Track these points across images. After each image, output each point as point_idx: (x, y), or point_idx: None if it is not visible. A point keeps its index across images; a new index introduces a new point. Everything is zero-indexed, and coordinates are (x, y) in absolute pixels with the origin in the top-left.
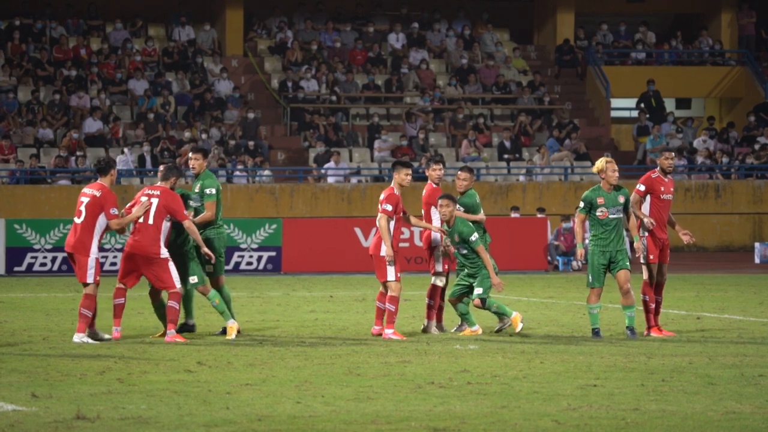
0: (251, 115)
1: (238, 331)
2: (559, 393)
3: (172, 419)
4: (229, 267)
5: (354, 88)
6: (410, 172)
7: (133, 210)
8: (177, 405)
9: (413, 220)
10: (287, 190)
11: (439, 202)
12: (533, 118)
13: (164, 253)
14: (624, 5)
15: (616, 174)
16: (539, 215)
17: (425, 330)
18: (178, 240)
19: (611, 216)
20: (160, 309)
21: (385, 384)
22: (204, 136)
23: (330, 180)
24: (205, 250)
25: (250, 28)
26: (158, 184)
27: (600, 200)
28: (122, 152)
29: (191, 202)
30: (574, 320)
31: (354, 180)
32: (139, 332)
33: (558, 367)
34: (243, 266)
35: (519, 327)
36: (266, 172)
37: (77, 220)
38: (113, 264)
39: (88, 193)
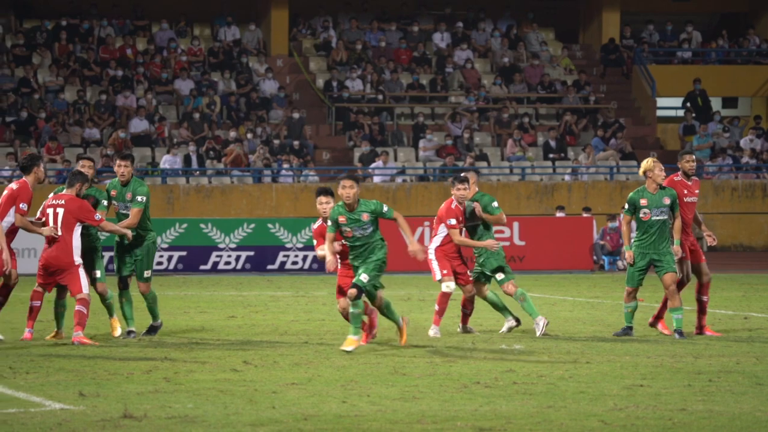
0: (296, 115)
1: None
2: (605, 393)
3: (219, 418)
4: (275, 266)
5: (399, 87)
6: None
7: (44, 230)
8: (223, 404)
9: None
10: (332, 189)
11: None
12: (578, 117)
13: (77, 260)
14: (670, 4)
15: (663, 174)
16: (585, 215)
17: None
18: (89, 237)
19: (654, 218)
20: (60, 308)
21: (431, 383)
22: (249, 135)
23: (375, 180)
24: (126, 232)
25: (295, 28)
26: (64, 191)
27: (643, 201)
28: (168, 152)
29: (121, 210)
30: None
31: (399, 180)
32: (184, 331)
33: (604, 367)
34: (288, 266)
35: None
36: (311, 172)
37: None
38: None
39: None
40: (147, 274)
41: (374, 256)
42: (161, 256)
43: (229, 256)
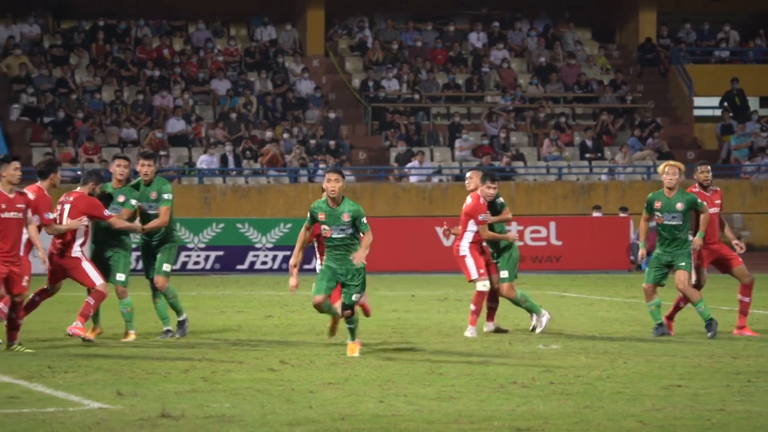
0: (332, 115)
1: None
2: (643, 393)
3: (256, 418)
4: (311, 266)
5: (435, 87)
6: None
7: (71, 223)
8: (260, 404)
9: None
10: (368, 189)
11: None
12: (615, 116)
13: (76, 254)
14: (707, 3)
15: (669, 178)
16: (622, 214)
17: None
18: (113, 237)
19: (666, 222)
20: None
21: (468, 383)
22: (286, 135)
23: (411, 179)
24: (136, 226)
25: (331, 28)
26: (77, 189)
27: (657, 204)
28: (205, 152)
29: (146, 210)
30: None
31: (435, 179)
32: (221, 331)
33: (642, 367)
34: None
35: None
36: (347, 172)
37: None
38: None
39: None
40: (166, 267)
41: (356, 268)
42: (198, 256)
43: (266, 255)
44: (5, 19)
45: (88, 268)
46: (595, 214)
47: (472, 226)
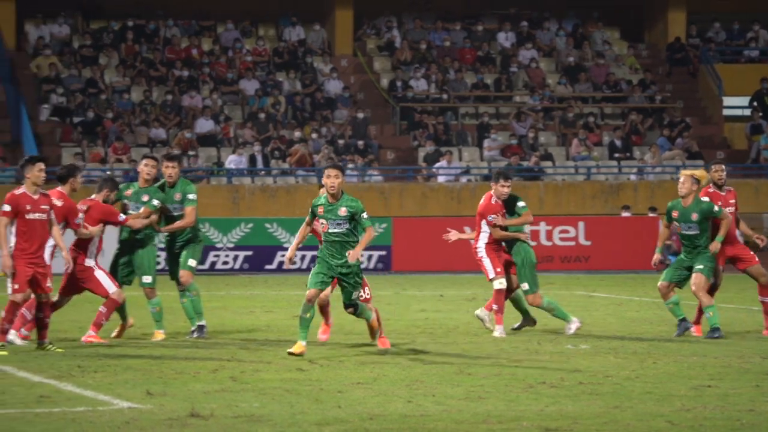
0: (361, 115)
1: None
2: (672, 393)
3: (285, 417)
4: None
5: (463, 87)
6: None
7: (92, 230)
8: (289, 403)
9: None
10: (397, 189)
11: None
12: (644, 116)
13: (88, 262)
14: (736, 3)
15: (679, 187)
16: (651, 214)
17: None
18: (136, 239)
19: (683, 232)
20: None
21: (496, 383)
22: (314, 135)
23: (440, 179)
24: (152, 220)
25: (360, 28)
26: (92, 197)
27: (675, 213)
28: (233, 152)
29: (173, 212)
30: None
31: (463, 179)
32: (250, 330)
33: (671, 367)
34: None
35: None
36: (375, 172)
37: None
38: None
39: (81, 208)
40: (192, 263)
41: (351, 266)
42: (227, 256)
43: (295, 255)
44: (35, 19)
45: (101, 276)
46: (624, 214)
47: (486, 227)
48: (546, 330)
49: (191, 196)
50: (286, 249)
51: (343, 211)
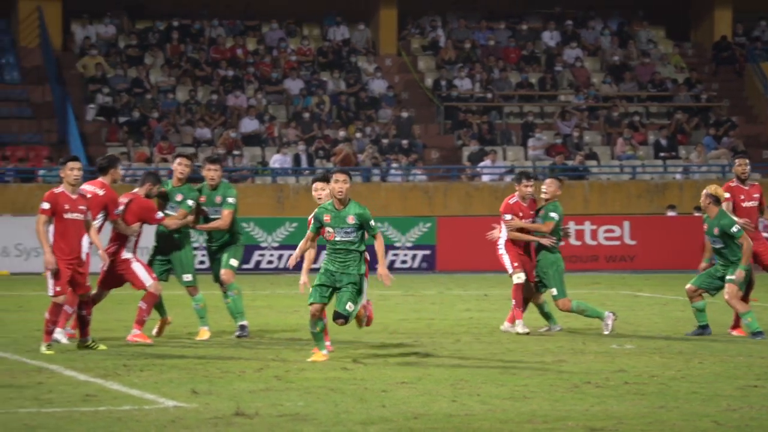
0: (405, 114)
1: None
2: (718, 393)
3: (329, 416)
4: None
5: (508, 86)
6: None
7: (133, 228)
8: (334, 402)
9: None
10: (441, 188)
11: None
12: (690, 115)
13: (125, 254)
14: None
15: (703, 201)
16: (696, 214)
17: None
18: (172, 238)
19: (711, 244)
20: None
21: (541, 383)
22: (358, 135)
23: (484, 178)
24: (189, 220)
25: (404, 27)
26: (135, 190)
27: (705, 226)
28: (278, 151)
29: (210, 215)
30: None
31: (507, 178)
32: (295, 330)
33: (717, 367)
34: (398, 264)
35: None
36: (420, 171)
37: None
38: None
39: (122, 201)
40: (233, 262)
41: (351, 275)
42: (272, 255)
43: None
44: (81, 19)
45: (138, 268)
46: (670, 213)
47: (503, 226)
48: (591, 329)
49: (231, 200)
50: None
51: (351, 219)
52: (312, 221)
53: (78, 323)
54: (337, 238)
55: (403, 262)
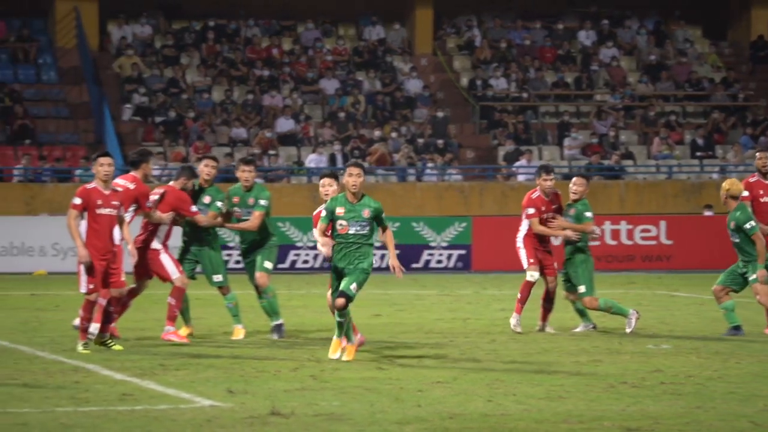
0: (440, 114)
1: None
2: (755, 394)
3: (365, 416)
4: (419, 265)
5: (543, 85)
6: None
7: (164, 217)
8: (369, 402)
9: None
10: (476, 188)
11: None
12: (727, 115)
13: (155, 245)
14: None
15: (722, 195)
16: (706, 213)
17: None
18: (200, 238)
19: (730, 238)
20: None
21: (577, 383)
22: (394, 134)
23: (519, 178)
24: (217, 221)
25: (440, 27)
26: (170, 183)
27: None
28: (313, 151)
29: (244, 216)
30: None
31: None
32: (330, 329)
33: (755, 367)
34: (433, 264)
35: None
36: (455, 171)
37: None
38: None
39: (156, 192)
40: (268, 264)
41: (364, 263)
42: (307, 255)
43: (374, 254)
44: (118, 19)
45: (166, 260)
46: (707, 213)
47: (524, 221)
48: (620, 331)
49: (263, 202)
50: None
51: (366, 213)
52: (323, 213)
53: (102, 317)
54: (351, 231)
55: (439, 261)
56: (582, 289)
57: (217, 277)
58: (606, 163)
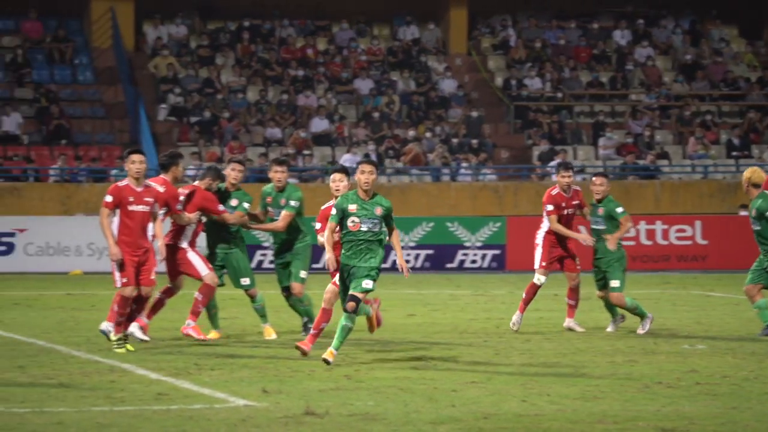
0: (475, 114)
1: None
2: None
3: (399, 416)
4: (454, 265)
5: (578, 85)
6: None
7: (191, 217)
8: (403, 402)
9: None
10: (511, 188)
11: (595, 180)
12: (763, 114)
13: (183, 243)
14: None
15: (744, 183)
16: (742, 213)
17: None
18: (232, 238)
19: (751, 226)
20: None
21: (612, 383)
22: (428, 134)
23: (555, 177)
24: (243, 220)
25: (474, 27)
26: (195, 183)
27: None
28: (348, 151)
29: (276, 216)
30: None
31: (578, 178)
32: (364, 329)
33: None
34: (467, 264)
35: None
36: (489, 171)
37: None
38: None
39: (182, 192)
40: (303, 274)
41: (374, 261)
42: None
43: (408, 254)
44: (153, 20)
45: (194, 258)
46: (742, 213)
47: (545, 219)
48: (662, 329)
49: (293, 203)
50: (403, 248)
51: (379, 211)
52: (334, 211)
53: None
54: (363, 228)
55: (473, 261)
56: (615, 283)
57: (245, 281)
58: (641, 163)
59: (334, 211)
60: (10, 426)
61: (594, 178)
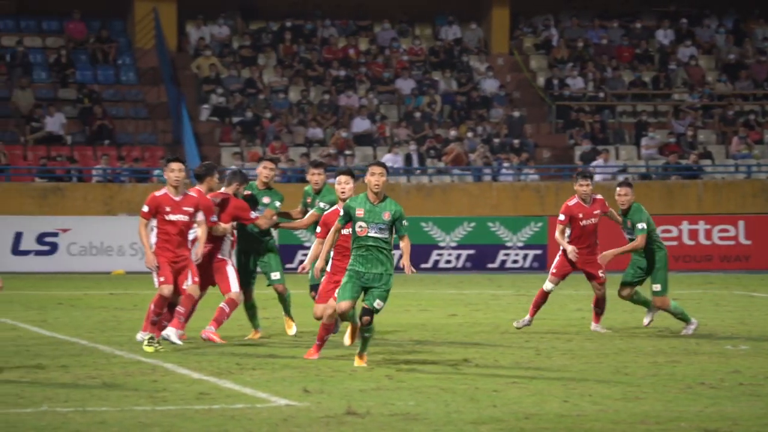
0: (517, 114)
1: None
2: None
3: (440, 416)
4: (495, 265)
5: (620, 85)
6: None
7: (225, 227)
8: (444, 402)
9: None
10: (552, 188)
11: (618, 190)
12: None
13: (223, 257)
14: None
15: None
16: None
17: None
18: (258, 243)
19: None
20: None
21: (654, 384)
22: (470, 134)
23: (596, 178)
24: (276, 219)
25: (516, 27)
26: (222, 190)
27: None
28: (389, 151)
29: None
30: None
31: (620, 178)
32: (405, 329)
33: None
34: (509, 264)
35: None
36: (531, 171)
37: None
38: None
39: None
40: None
41: (383, 276)
42: None
43: (450, 254)
44: (196, 20)
45: (231, 272)
46: None
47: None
48: (703, 329)
49: (322, 205)
50: (441, 248)
51: (387, 216)
52: (341, 213)
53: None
54: (370, 234)
55: (515, 261)
56: (657, 287)
57: (275, 275)
58: (684, 163)
59: (341, 213)
60: (53, 425)
61: (618, 188)
